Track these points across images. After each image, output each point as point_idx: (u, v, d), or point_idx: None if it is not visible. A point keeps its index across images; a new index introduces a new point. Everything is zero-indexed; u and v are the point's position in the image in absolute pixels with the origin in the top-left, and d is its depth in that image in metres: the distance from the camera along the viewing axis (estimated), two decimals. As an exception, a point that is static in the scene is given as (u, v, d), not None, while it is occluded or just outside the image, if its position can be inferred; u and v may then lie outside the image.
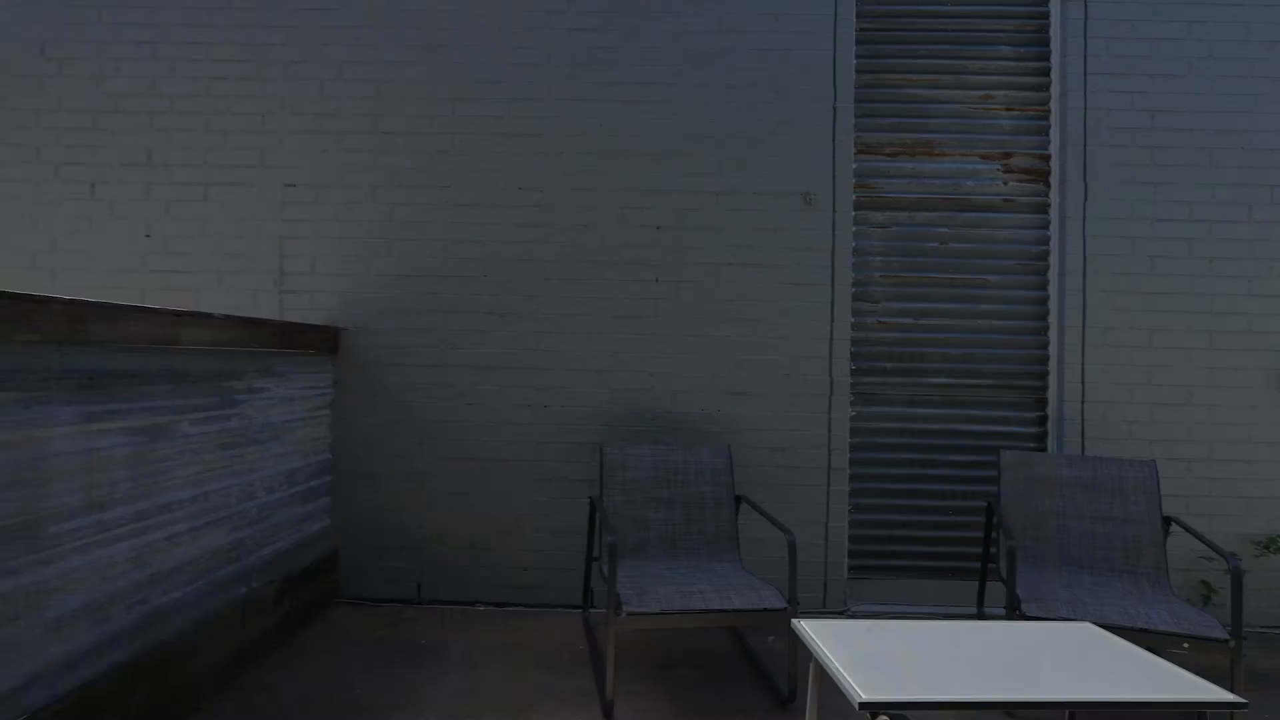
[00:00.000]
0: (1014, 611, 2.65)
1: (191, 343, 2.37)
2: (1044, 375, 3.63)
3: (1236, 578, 2.43)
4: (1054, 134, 3.64)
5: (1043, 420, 3.63)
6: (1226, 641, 2.38)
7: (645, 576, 2.85)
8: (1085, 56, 3.57)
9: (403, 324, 3.58)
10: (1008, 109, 3.68)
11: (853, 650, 1.92)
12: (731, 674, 2.88)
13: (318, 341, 3.36)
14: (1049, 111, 3.66)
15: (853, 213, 3.62)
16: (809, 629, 2.08)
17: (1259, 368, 3.52)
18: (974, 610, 3.52)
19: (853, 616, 3.50)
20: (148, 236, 3.61)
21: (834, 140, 3.60)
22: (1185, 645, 2.42)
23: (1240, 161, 3.55)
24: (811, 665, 1.99)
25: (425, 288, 3.59)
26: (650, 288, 3.59)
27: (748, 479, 3.54)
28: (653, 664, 2.93)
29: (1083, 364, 3.53)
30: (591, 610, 3.46)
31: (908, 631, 2.08)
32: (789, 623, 2.60)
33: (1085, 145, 3.57)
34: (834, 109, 3.60)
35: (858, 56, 3.66)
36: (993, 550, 3.41)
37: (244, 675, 2.68)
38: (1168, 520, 3.02)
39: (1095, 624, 2.53)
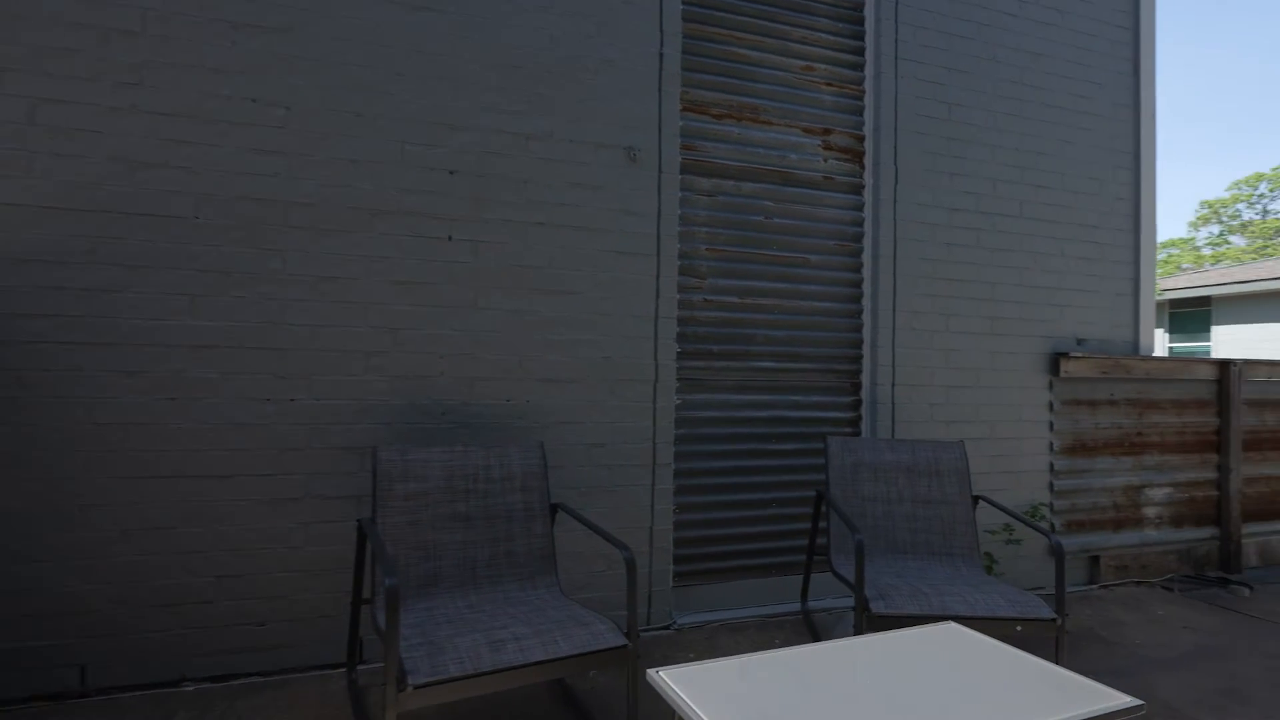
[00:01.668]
0: (863, 612, 2.41)
1: None
2: (858, 359, 3.57)
3: (1059, 557, 2.43)
4: (868, 115, 3.60)
5: (857, 405, 3.57)
6: (1054, 620, 2.36)
7: (439, 623, 2.12)
8: (897, 41, 3.57)
9: (55, 281, 2.39)
10: (828, 84, 3.56)
11: (731, 708, 1.46)
12: (551, 731, 2.28)
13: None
14: (864, 91, 3.61)
15: (679, 176, 3.22)
16: (671, 683, 1.57)
17: (1028, 352, 3.82)
18: (798, 606, 3.33)
19: (679, 629, 3.11)
20: None
21: (660, 91, 3.16)
22: (1019, 628, 2.36)
23: (1014, 160, 3.82)
24: (684, 736, 1.48)
25: (96, 229, 2.44)
26: (441, 247, 2.83)
27: (562, 482, 2.96)
28: (447, 736, 2.22)
29: (894, 347, 3.53)
30: (361, 668, 2.62)
31: (779, 667, 1.68)
32: (627, 661, 2.09)
33: (896, 130, 3.57)
34: (660, 55, 3.17)
35: (684, 3, 3.27)
36: (819, 541, 3.24)
37: None
38: (976, 499, 3.07)
39: (946, 616, 2.39)
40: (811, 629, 3.11)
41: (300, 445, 2.64)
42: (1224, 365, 4.17)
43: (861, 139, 3.60)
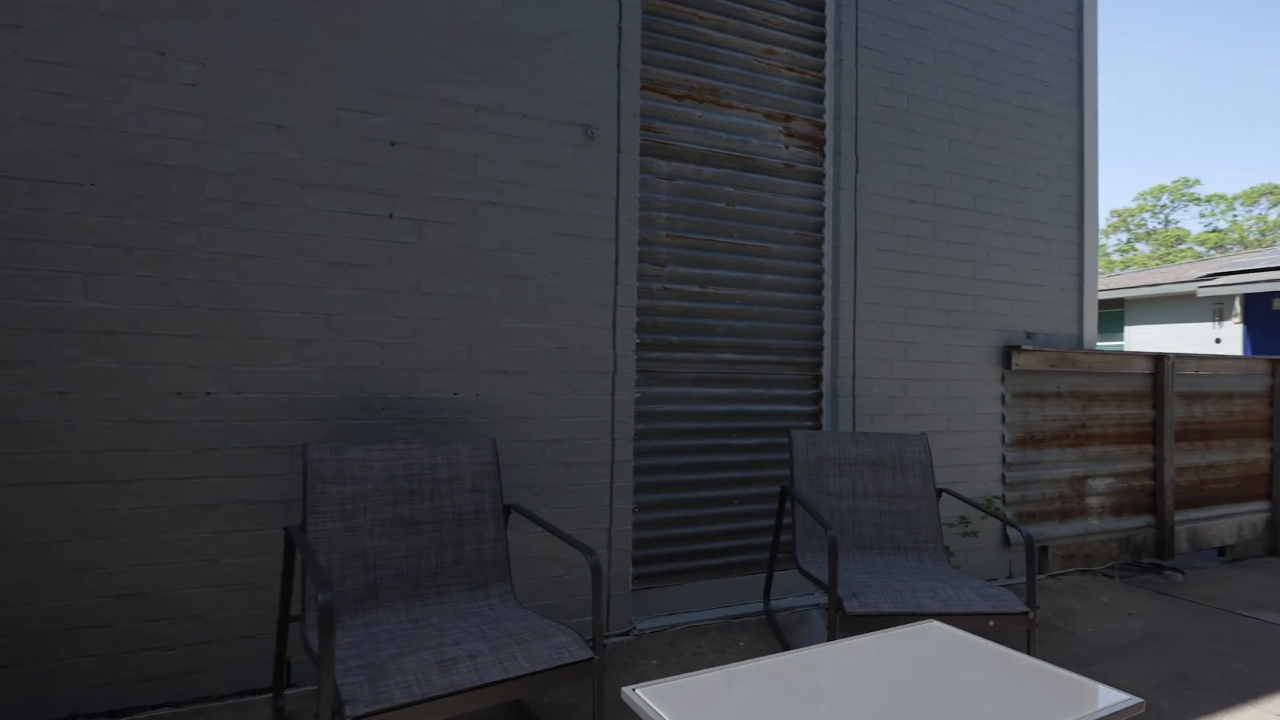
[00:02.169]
0: (836, 611, 2.31)
1: None
2: (819, 351, 3.50)
3: (1030, 550, 2.40)
4: (829, 102, 3.53)
5: (818, 398, 3.50)
6: (1026, 613, 2.32)
7: (381, 642, 1.89)
8: (857, 29, 3.52)
9: (-88, 252, 2.03)
10: (789, 68, 3.47)
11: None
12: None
13: None
14: (824, 78, 3.54)
15: (639, 158, 3.05)
16: (650, 702, 1.41)
17: (981, 345, 3.84)
18: (761, 606, 3.23)
19: (639, 635, 2.95)
20: None
21: (619, 67, 2.99)
22: (991, 623, 2.31)
23: (968, 154, 3.83)
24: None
25: (-35, 193, 2.08)
26: (381, 226, 2.58)
27: (514, 481, 2.76)
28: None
29: (855, 340, 3.47)
30: (290, 693, 2.35)
31: (764, 678, 1.55)
32: (591, 675, 1.91)
33: (857, 118, 3.51)
34: (619, 29, 2.99)
35: (643, -24, 3.12)
36: (783, 538, 3.14)
37: None
38: (939, 492, 3.03)
39: (921, 614, 2.31)
40: (776, 629, 3.01)
41: (217, 444, 2.34)
42: (1159, 359, 4.32)
43: (822, 126, 3.53)
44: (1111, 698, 1.48)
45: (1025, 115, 4.00)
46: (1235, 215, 29.19)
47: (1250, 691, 2.63)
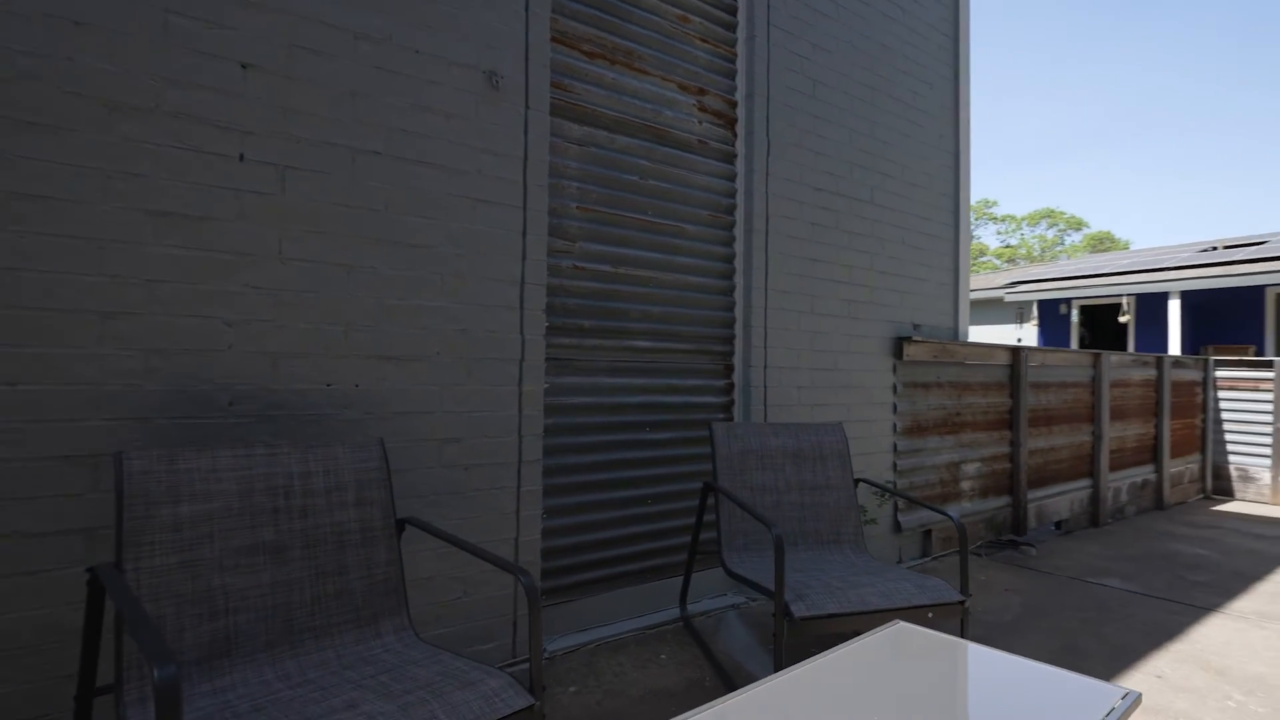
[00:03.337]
0: (783, 617, 2.12)
1: None
2: (731, 340, 3.34)
3: (963, 535, 2.37)
4: (740, 80, 3.38)
5: (730, 389, 3.34)
6: (962, 602, 2.28)
7: (243, 714, 1.40)
8: (769, 6, 3.40)
9: None
10: (702, 39, 3.27)
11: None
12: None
13: None
14: (736, 55, 3.38)
15: (549, 118, 2.69)
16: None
17: (877, 336, 3.90)
18: (677, 612, 3.00)
19: (552, 657, 2.60)
20: None
21: (527, 10, 2.61)
22: (930, 615, 2.25)
23: (867, 147, 3.88)
24: None
25: None
26: (229, 170, 2.01)
27: (404, 489, 2.30)
28: None
29: (766, 328, 3.35)
30: (93, 789, 1.73)
31: (753, 710, 1.29)
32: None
33: (769, 100, 3.40)
34: (528, -34, 2.62)
35: (552, -87, 2.75)
36: (703, 537, 2.94)
37: None
38: (856, 482, 2.98)
39: (866, 612, 2.19)
40: (697, 638, 2.80)
41: (-22, 455, 1.67)
42: (1015, 352, 4.68)
43: (734, 104, 3.37)
44: (1114, 694, 1.40)
45: (913, 114, 4.13)
46: (1023, 234, 34.00)
47: (1128, 656, 2.83)
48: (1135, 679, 2.62)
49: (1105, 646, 2.92)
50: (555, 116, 2.77)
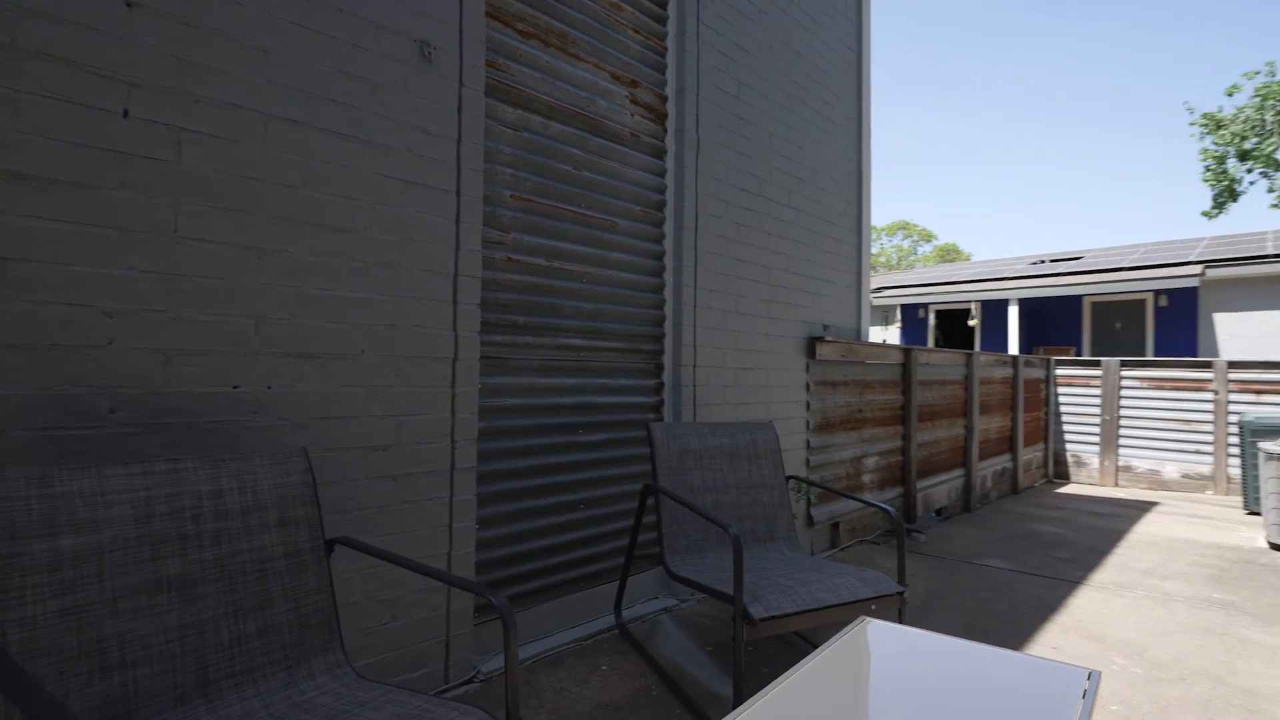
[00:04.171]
0: (742, 620, 2.09)
1: None
2: (661, 338, 3.29)
3: (900, 531, 2.46)
4: (671, 75, 3.33)
5: (660, 388, 3.28)
6: (900, 593, 2.37)
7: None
8: (699, 3, 3.38)
9: None
10: (635, 29, 3.18)
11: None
12: None
13: None
14: (667, 49, 3.33)
15: (484, 99, 2.50)
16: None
17: (793, 336, 4.01)
18: (612, 620, 2.91)
19: (487, 679, 2.41)
20: None
21: (461, -22, 2.40)
22: (874, 607, 2.31)
23: (785, 151, 3.97)
24: None
25: None
26: (110, 128, 1.67)
27: (328, 504, 2.03)
28: None
29: (695, 327, 3.33)
30: None
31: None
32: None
33: (699, 96, 3.38)
34: (462, -70, 2.40)
35: (485, -124, 2.56)
36: (640, 539, 2.86)
37: None
38: (789, 479, 3.03)
39: (819, 609, 2.21)
40: (636, 645, 2.72)
41: None
42: (907, 351, 5.01)
43: (664, 99, 3.32)
44: (1080, 674, 1.48)
45: (823, 122, 4.29)
46: (883, 243, 36.97)
47: (1024, 631, 3.08)
48: (1037, 651, 2.86)
49: (1003, 623, 3.17)
50: (489, 98, 2.57)
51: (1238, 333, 10.73)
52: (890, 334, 15.72)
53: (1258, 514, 5.68)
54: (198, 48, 1.80)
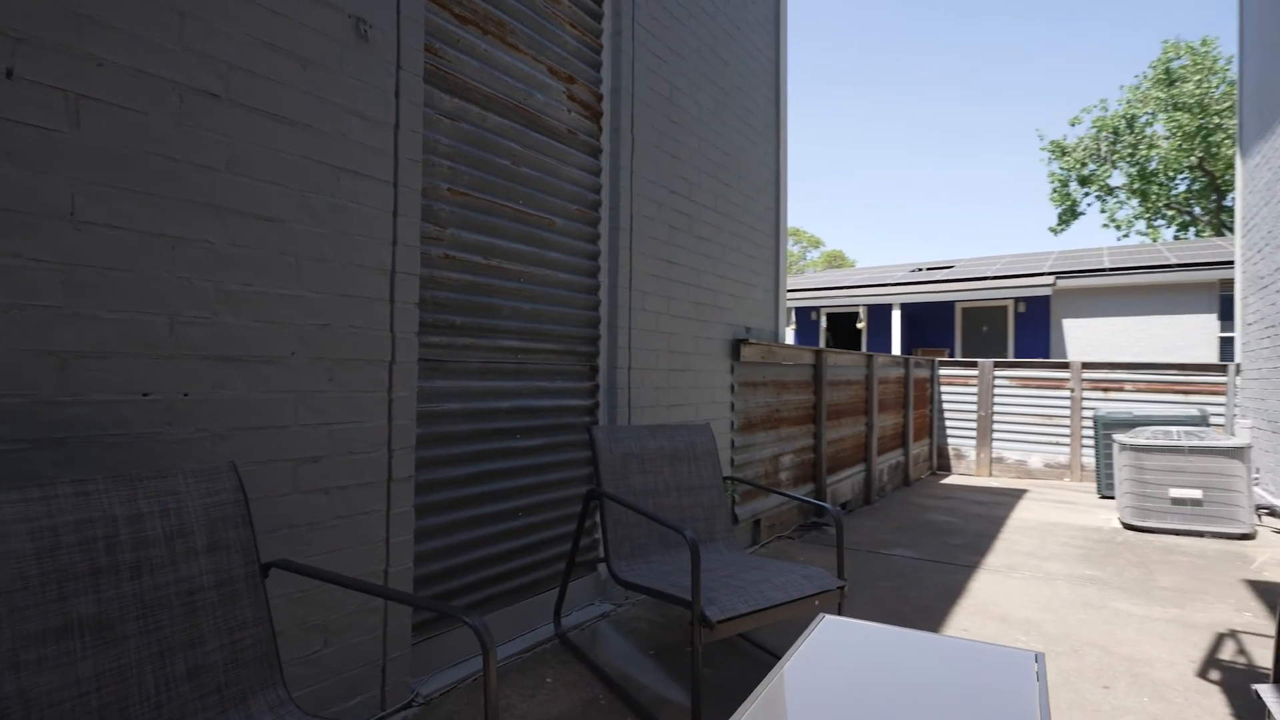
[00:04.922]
0: (699, 624, 2.09)
1: None
2: (596, 340, 3.24)
3: (839, 526, 2.55)
4: (606, 74, 3.29)
5: (595, 390, 3.23)
6: (841, 587, 2.46)
7: None
8: (634, 3, 3.35)
9: None
10: (572, 24, 3.11)
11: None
12: None
13: None
14: (603, 46, 3.28)
15: (423, 85, 2.34)
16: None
17: (719, 338, 4.08)
18: (551, 629, 2.83)
19: (428, 702, 2.26)
20: None
21: (399, -47, 2.24)
22: (817, 602, 2.39)
23: (712, 156, 4.03)
24: None
25: None
26: (-11, 89, 1.41)
27: (260, 523, 1.82)
28: None
29: (630, 328, 3.31)
30: None
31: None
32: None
33: (634, 97, 3.35)
34: (400, -97, 2.24)
35: None
36: (582, 543, 2.80)
37: None
38: (726, 479, 3.07)
39: (770, 607, 2.25)
40: (580, 654, 2.65)
41: None
42: (819, 353, 5.24)
43: (600, 98, 3.27)
44: (1027, 656, 1.59)
45: (745, 130, 4.40)
46: (773, 248, 38.57)
47: (936, 616, 3.30)
48: (951, 633, 3.06)
49: (917, 610, 3.38)
50: (427, 84, 2.42)
51: (1081, 336, 12.12)
52: (787, 336, 16.43)
53: (1110, 498, 6.42)
54: (99, 3, 1.56)
